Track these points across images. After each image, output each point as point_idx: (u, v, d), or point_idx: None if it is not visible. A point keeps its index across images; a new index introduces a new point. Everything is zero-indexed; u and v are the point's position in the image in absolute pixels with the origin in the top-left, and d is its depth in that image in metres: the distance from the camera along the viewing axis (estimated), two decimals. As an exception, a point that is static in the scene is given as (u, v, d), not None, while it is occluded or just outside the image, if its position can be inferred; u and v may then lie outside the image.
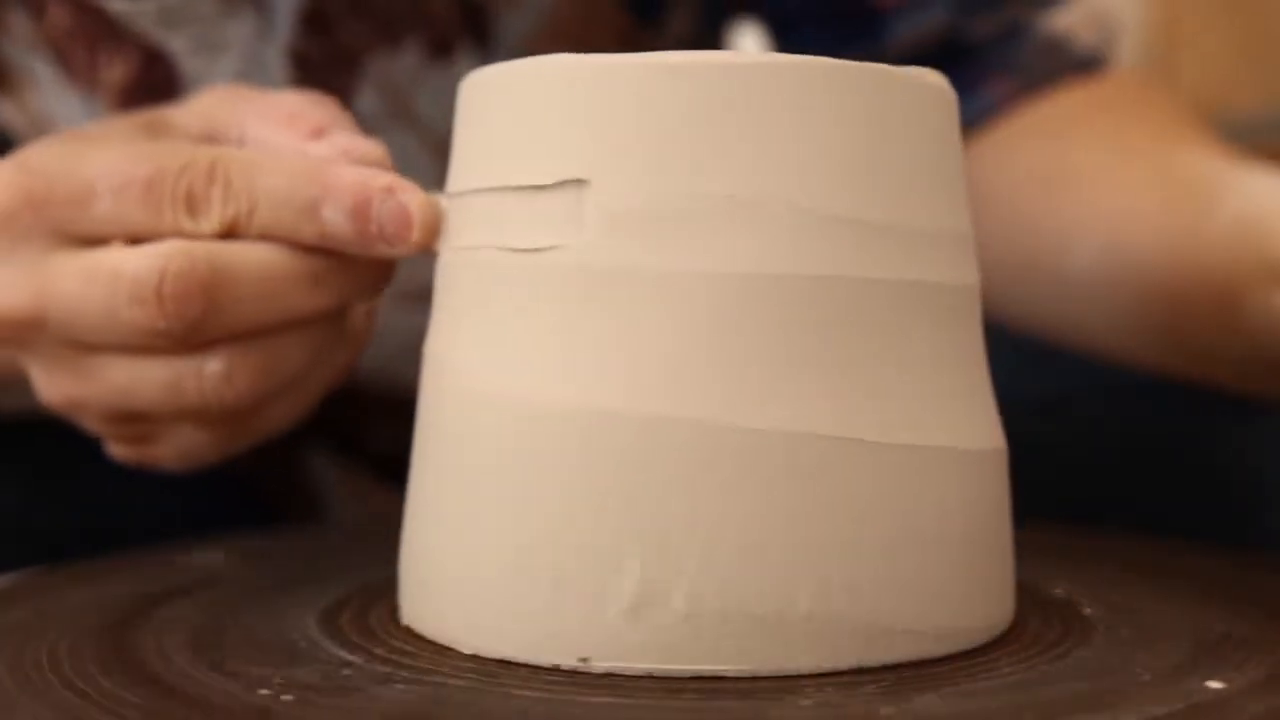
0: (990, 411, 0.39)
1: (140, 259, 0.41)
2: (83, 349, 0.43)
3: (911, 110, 0.37)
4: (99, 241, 0.42)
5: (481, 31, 0.61)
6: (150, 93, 0.58)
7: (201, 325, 0.41)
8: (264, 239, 0.42)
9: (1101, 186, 0.59)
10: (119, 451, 0.47)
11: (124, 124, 0.46)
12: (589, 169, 0.36)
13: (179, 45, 0.59)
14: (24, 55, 0.59)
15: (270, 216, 0.41)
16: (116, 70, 0.59)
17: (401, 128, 0.43)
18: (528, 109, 0.37)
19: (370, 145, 0.43)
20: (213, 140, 0.45)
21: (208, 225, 0.41)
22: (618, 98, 0.36)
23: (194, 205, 0.41)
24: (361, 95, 0.60)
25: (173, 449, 0.46)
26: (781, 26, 0.70)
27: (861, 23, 0.65)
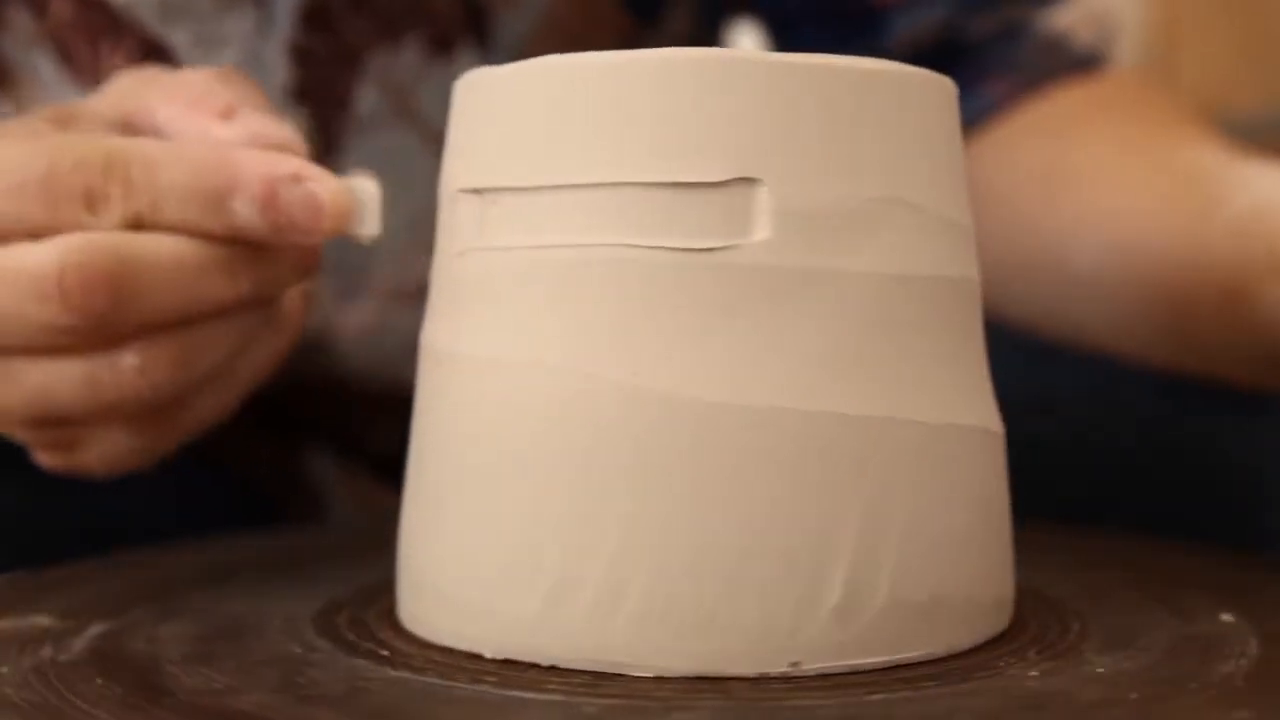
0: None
1: (39, 253, 0.39)
2: None
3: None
4: (2, 242, 0.40)
5: (482, 30, 0.61)
6: None
7: (110, 318, 0.39)
8: (171, 231, 0.40)
9: (1103, 184, 0.59)
10: (46, 459, 0.45)
11: (33, 118, 0.44)
12: (763, 168, 0.35)
13: (179, 40, 0.59)
14: (25, 52, 0.59)
15: (175, 211, 0.40)
16: (117, 63, 0.59)
17: (403, 125, 0.42)
18: (681, 102, 0.35)
19: (279, 127, 0.42)
20: (128, 127, 0.44)
21: (108, 220, 0.40)
22: (791, 96, 0.36)
23: (92, 201, 0.40)
24: (362, 93, 0.60)
25: (99, 453, 0.44)
26: (781, 25, 0.70)
27: (861, 21, 0.65)
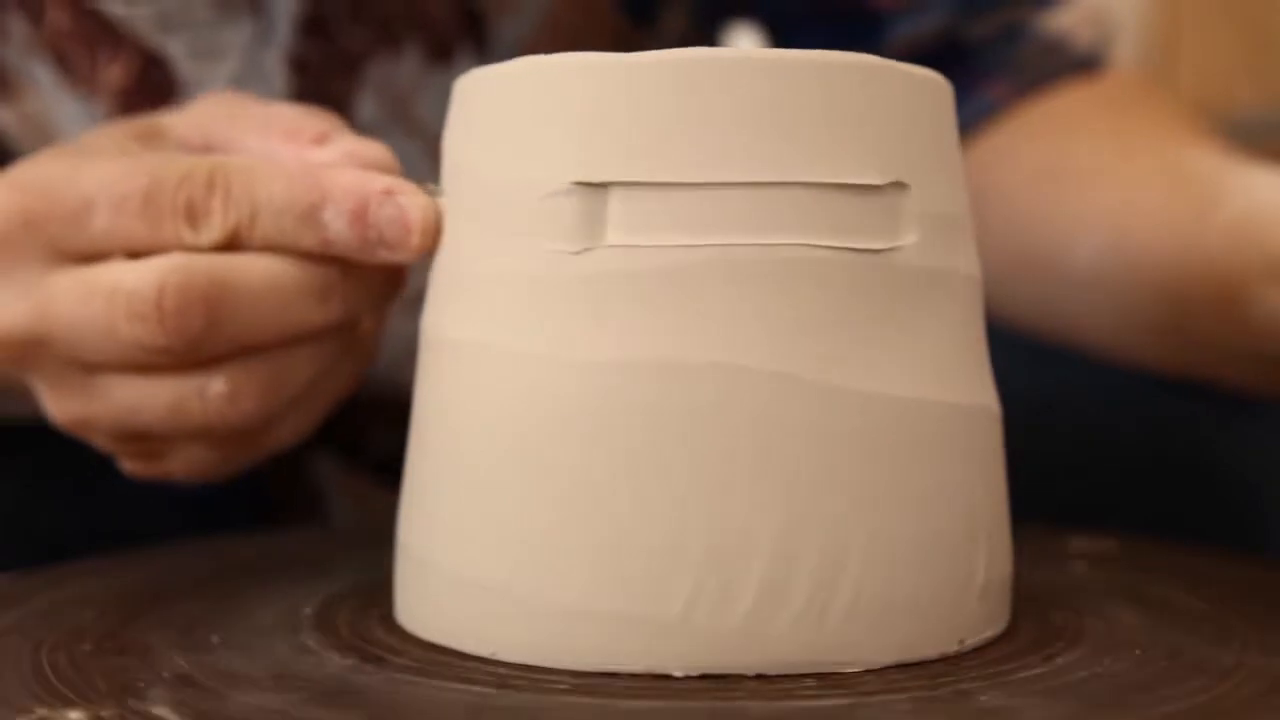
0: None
1: (139, 273, 0.40)
2: (87, 368, 0.42)
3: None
4: (98, 258, 0.41)
5: (480, 35, 0.61)
6: (149, 96, 0.58)
7: (203, 341, 0.40)
8: (266, 249, 0.41)
9: (1102, 184, 0.59)
10: (130, 467, 0.46)
11: (117, 133, 0.45)
12: (907, 173, 0.37)
13: (176, 50, 0.59)
14: (23, 60, 0.59)
15: (272, 224, 0.40)
16: (115, 72, 0.58)
17: (402, 133, 0.42)
18: (843, 105, 0.36)
19: (375, 147, 0.43)
20: (209, 151, 0.44)
21: (208, 236, 0.40)
22: (927, 107, 0.38)
23: (194, 216, 0.40)
24: (362, 101, 0.60)
25: (183, 465, 0.45)
26: (779, 27, 0.70)
27: (859, 24, 0.65)
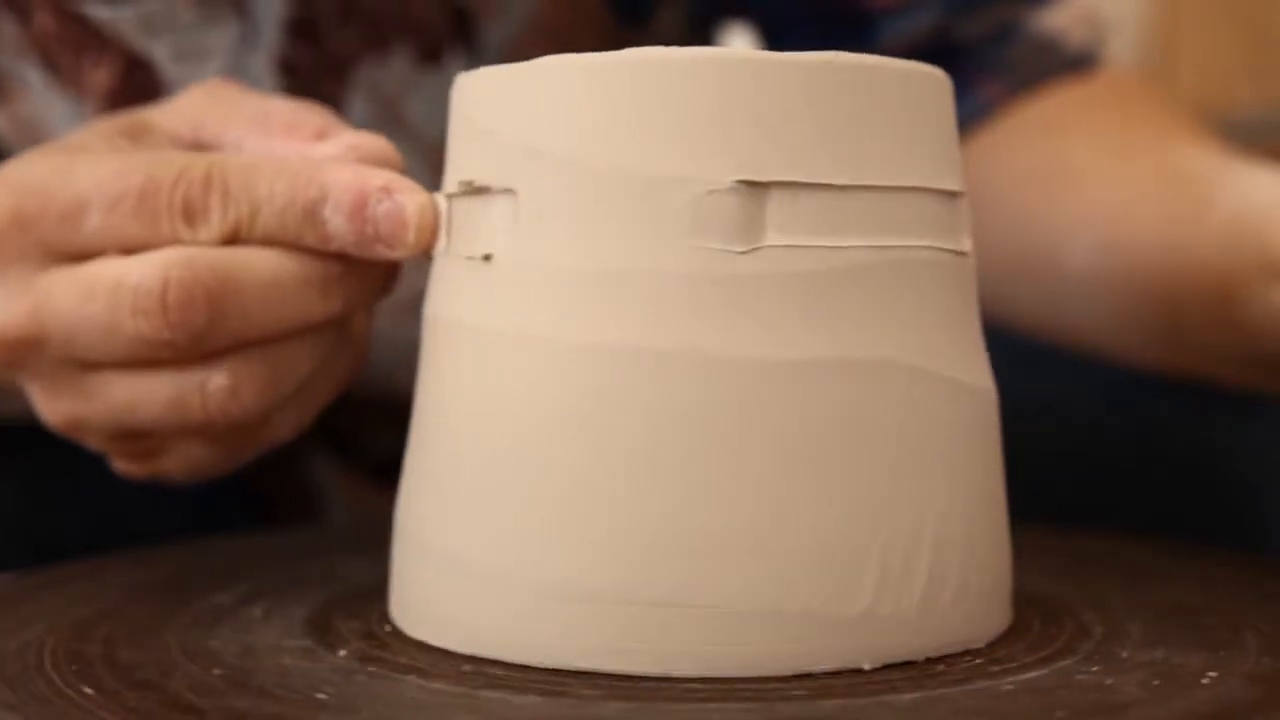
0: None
1: (142, 268, 0.40)
2: (83, 367, 0.42)
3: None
4: (91, 257, 0.41)
5: (469, 37, 0.61)
6: (134, 98, 0.57)
7: (207, 334, 0.40)
8: (266, 245, 0.41)
9: (1097, 183, 0.59)
10: (124, 467, 0.46)
11: (104, 130, 0.44)
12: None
13: (161, 53, 0.58)
14: (13, 62, 0.59)
15: (273, 222, 0.40)
16: (100, 75, 0.58)
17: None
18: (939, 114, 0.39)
19: (376, 140, 0.43)
20: (199, 145, 0.44)
21: (207, 234, 0.40)
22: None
23: (191, 215, 0.40)
24: (351, 103, 0.60)
25: (179, 463, 0.45)
26: (771, 29, 0.70)
27: (852, 24, 0.65)
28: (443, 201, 0.40)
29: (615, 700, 0.34)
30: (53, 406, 0.43)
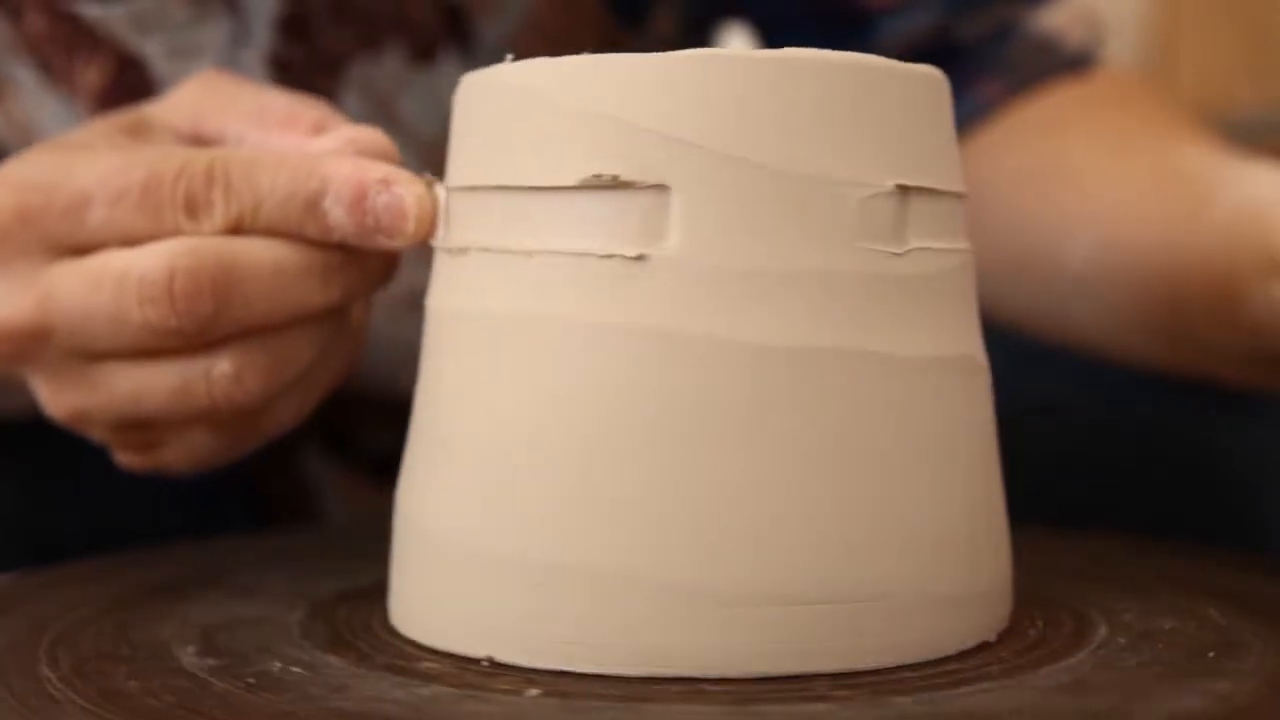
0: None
1: (148, 258, 0.40)
2: (88, 359, 0.42)
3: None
4: (94, 251, 0.41)
5: (463, 35, 0.61)
6: (126, 97, 0.57)
7: (213, 322, 0.40)
8: (268, 235, 0.41)
9: (1097, 181, 0.59)
10: (126, 459, 0.46)
11: (104, 128, 0.45)
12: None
13: (152, 50, 0.59)
14: (5, 61, 0.59)
15: (275, 214, 0.41)
16: (92, 74, 0.58)
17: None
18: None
19: (373, 134, 0.43)
20: (199, 140, 0.44)
21: (210, 227, 0.41)
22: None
23: (194, 208, 0.41)
24: (344, 101, 0.60)
25: (181, 453, 0.45)
26: (769, 28, 0.70)
27: (851, 24, 0.65)
28: (442, 193, 0.40)
29: (613, 700, 0.34)
30: (58, 399, 0.44)
